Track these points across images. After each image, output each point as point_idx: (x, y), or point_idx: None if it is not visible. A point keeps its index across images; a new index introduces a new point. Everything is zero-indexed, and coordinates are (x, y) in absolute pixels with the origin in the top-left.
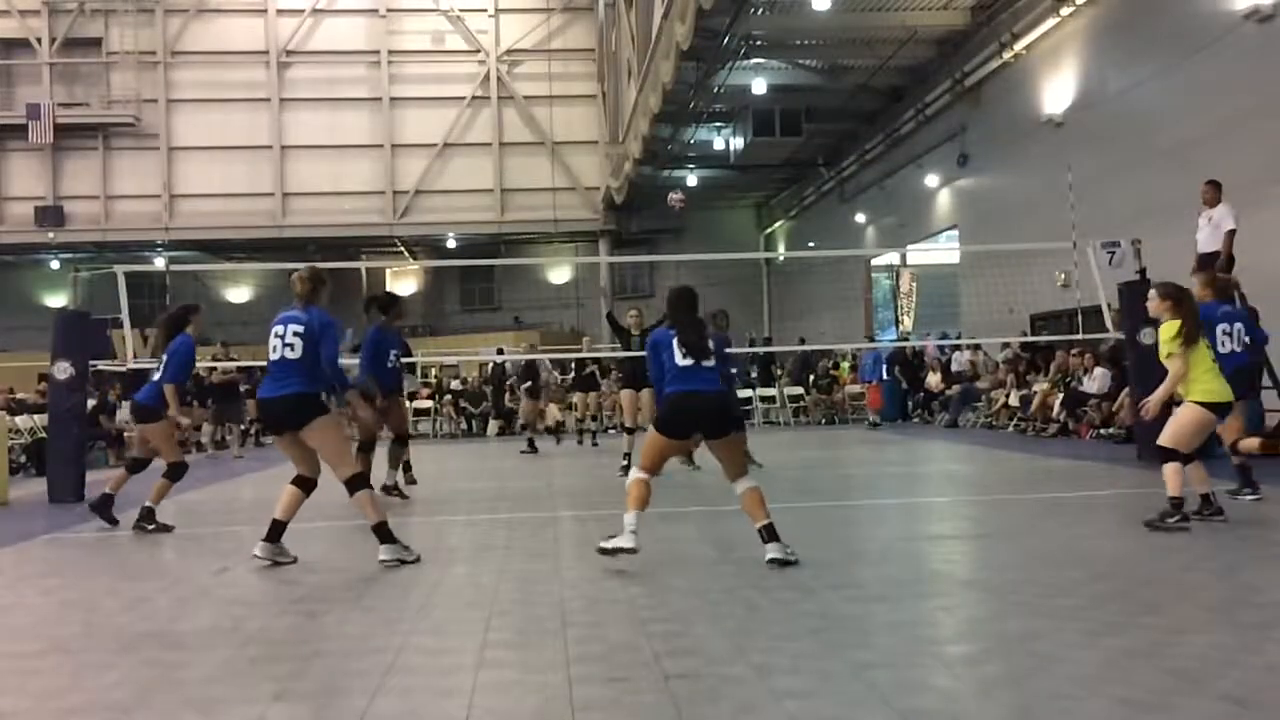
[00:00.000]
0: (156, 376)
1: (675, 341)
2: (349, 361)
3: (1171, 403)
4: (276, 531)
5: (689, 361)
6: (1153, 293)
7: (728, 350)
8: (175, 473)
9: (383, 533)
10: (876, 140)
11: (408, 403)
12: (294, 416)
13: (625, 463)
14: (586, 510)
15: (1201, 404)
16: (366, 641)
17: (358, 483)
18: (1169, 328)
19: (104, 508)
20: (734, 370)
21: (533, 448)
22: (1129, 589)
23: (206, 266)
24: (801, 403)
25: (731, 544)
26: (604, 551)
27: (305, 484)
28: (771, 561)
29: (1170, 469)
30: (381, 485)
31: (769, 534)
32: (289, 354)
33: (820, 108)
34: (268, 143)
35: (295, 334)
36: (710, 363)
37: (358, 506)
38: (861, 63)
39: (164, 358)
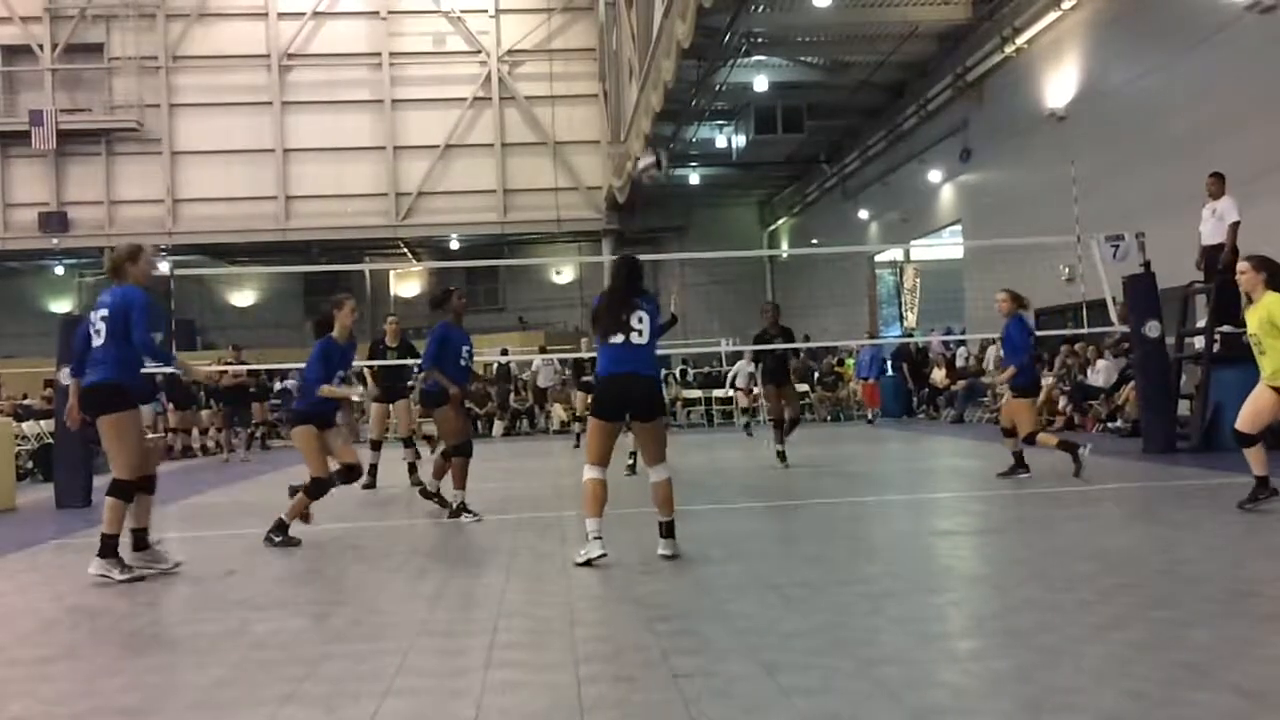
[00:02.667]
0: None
1: (595, 313)
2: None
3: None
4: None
5: (619, 340)
6: (1244, 264)
7: (788, 343)
8: (317, 488)
9: (107, 545)
10: (879, 136)
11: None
12: (95, 406)
13: (631, 461)
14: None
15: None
16: (375, 643)
17: (114, 489)
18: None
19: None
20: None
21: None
22: (1137, 582)
23: (211, 270)
24: (806, 399)
25: (738, 542)
26: (580, 564)
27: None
28: (662, 556)
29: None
30: (459, 504)
31: (667, 530)
32: (96, 340)
33: (822, 104)
34: (270, 146)
35: (102, 318)
36: (641, 340)
37: (105, 510)
38: (863, 59)
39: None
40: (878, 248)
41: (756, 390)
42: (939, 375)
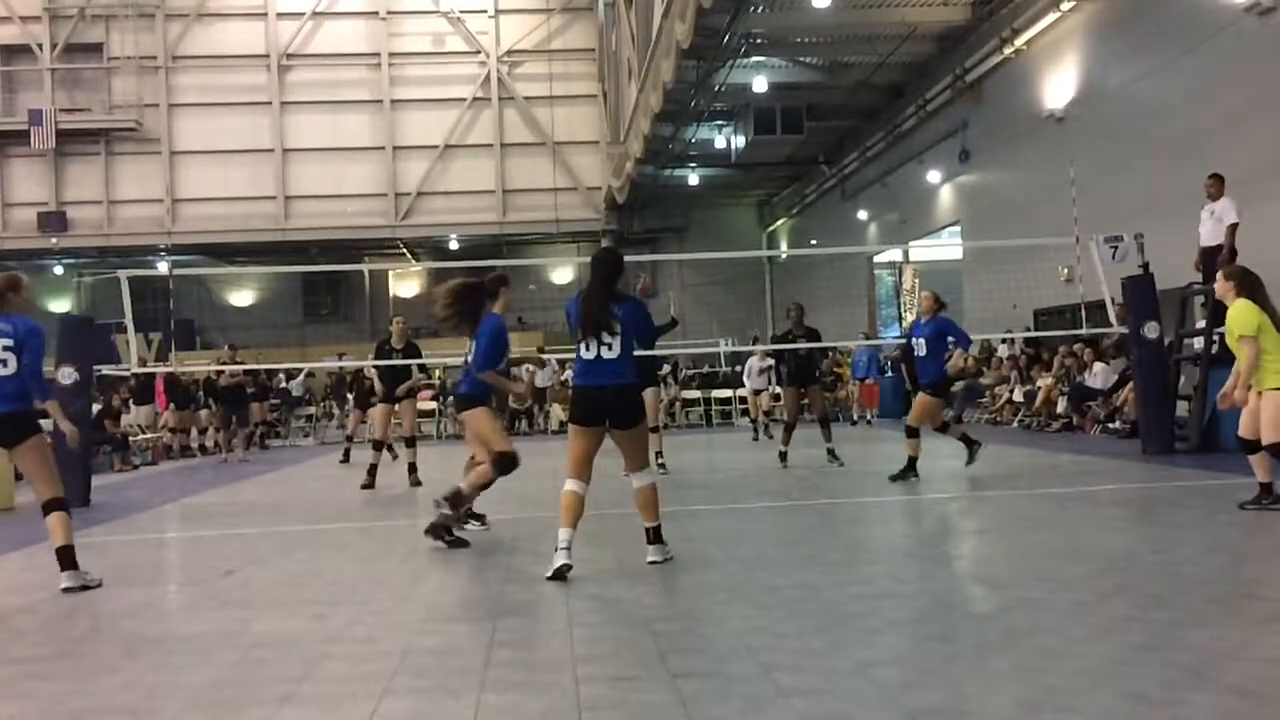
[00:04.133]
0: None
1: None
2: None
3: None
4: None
5: (590, 355)
6: (1219, 274)
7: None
8: (503, 465)
9: (64, 558)
10: (878, 137)
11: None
12: (7, 436)
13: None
14: (590, 510)
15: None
16: (374, 643)
17: (54, 506)
18: (1242, 310)
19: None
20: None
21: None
22: (1135, 583)
23: (209, 270)
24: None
25: (736, 542)
26: (550, 578)
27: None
28: (651, 562)
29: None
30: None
31: (654, 535)
32: (2, 370)
33: (821, 105)
34: (269, 146)
35: (5, 347)
36: (612, 355)
37: (49, 528)
38: (862, 59)
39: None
40: (876, 248)
41: (772, 390)
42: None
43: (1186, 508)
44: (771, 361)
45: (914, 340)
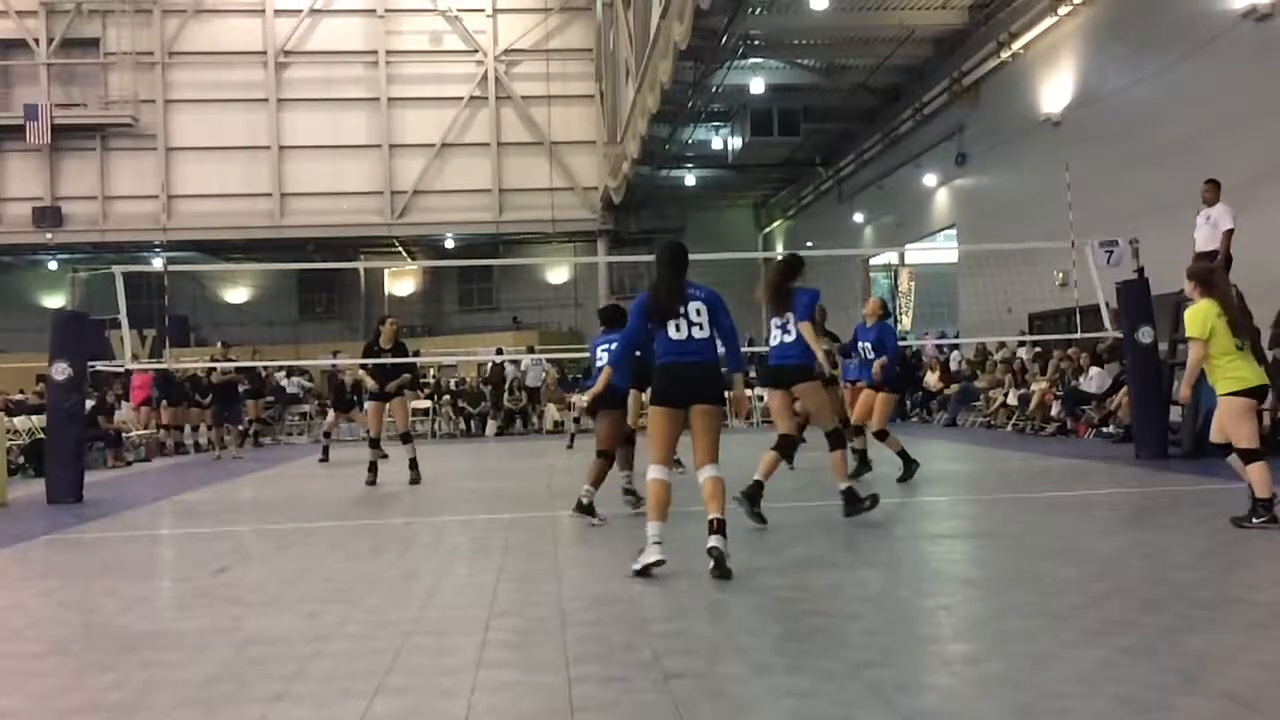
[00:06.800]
0: (789, 337)
1: (648, 305)
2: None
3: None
4: None
5: (681, 335)
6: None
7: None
8: (838, 439)
9: None
10: (874, 140)
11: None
12: None
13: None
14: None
15: (1232, 394)
16: (366, 641)
17: None
18: (1194, 312)
19: (853, 500)
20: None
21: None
22: (1128, 587)
23: (205, 267)
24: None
25: (731, 543)
26: (637, 573)
27: None
28: (710, 550)
29: (1255, 469)
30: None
31: (718, 526)
32: None
33: (818, 107)
34: (266, 143)
35: None
36: (703, 335)
37: None
38: (859, 62)
39: (788, 315)
40: (872, 251)
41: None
42: (932, 379)
43: (1179, 512)
44: None
45: (860, 344)
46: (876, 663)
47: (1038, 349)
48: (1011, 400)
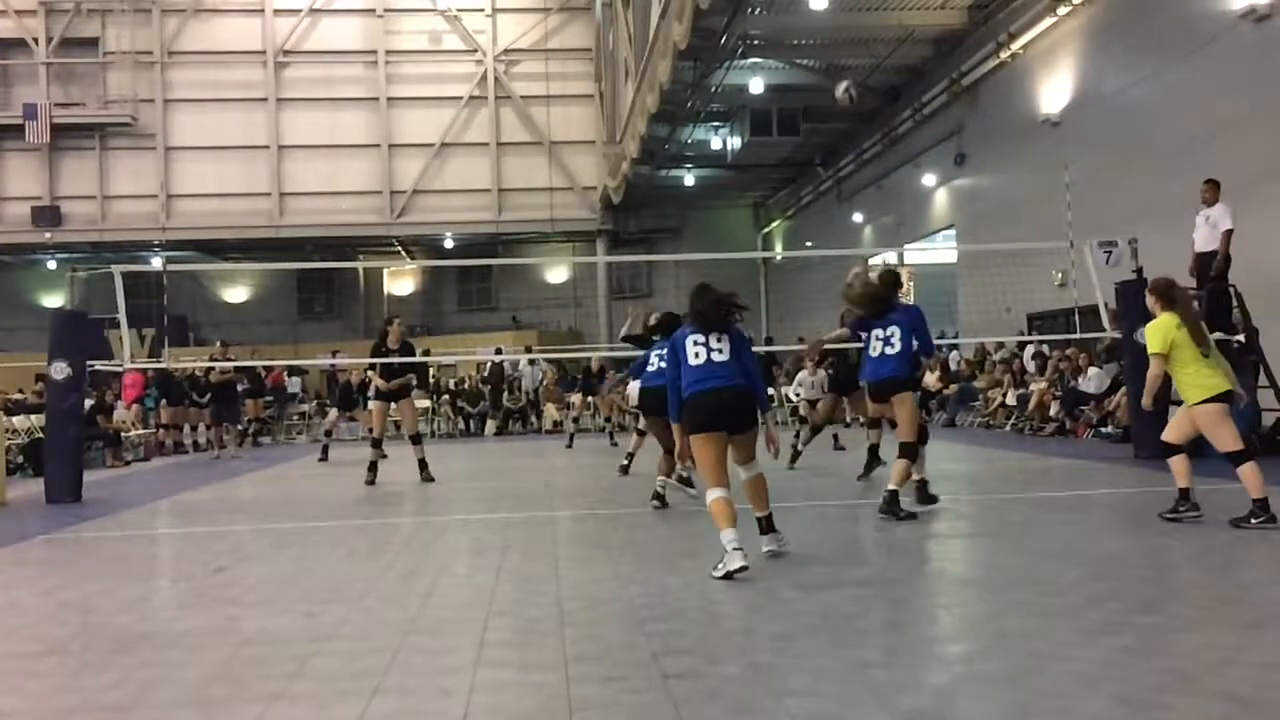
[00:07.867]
0: (891, 349)
1: (688, 332)
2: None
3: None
4: None
5: (700, 359)
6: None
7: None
8: (910, 451)
9: None
10: (874, 140)
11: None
12: None
13: (626, 463)
14: (585, 510)
15: (1203, 403)
16: (365, 641)
17: None
18: (1154, 328)
19: (893, 504)
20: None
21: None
22: (1125, 587)
23: (204, 266)
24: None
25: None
26: (720, 578)
27: None
28: (768, 553)
29: (1245, 469)
30: (676, 477)
31: (766, 524)
32: None
33: (817, 107)
34: (265, 143)
35: None
36: (723, 358)
37: None
38: (858, 62)
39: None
40: (871, 251)
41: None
42: (931, 379)
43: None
44: (822, 372)
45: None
46: (875, 662)
47: (1043, 347)
48: (1010, 400)
